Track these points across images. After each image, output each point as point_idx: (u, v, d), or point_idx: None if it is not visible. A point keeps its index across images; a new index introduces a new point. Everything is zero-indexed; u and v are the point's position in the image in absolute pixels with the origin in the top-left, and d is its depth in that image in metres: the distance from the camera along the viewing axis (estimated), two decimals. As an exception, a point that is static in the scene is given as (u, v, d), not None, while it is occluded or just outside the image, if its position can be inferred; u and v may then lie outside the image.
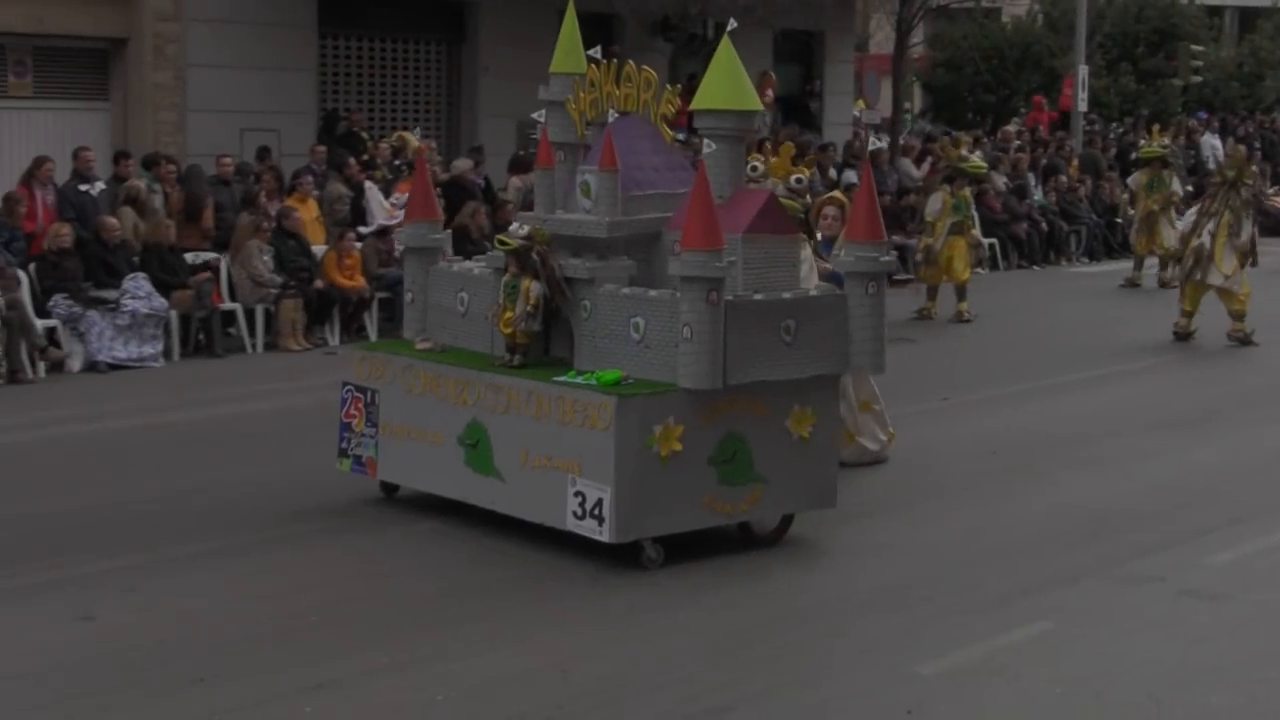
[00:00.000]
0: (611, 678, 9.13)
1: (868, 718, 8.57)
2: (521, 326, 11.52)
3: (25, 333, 18.56)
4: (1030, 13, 46.26)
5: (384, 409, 12.48)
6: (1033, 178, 33.68)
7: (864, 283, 11.52)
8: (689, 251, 10.61)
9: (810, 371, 11.39)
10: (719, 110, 11.62)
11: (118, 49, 25.21)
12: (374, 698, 8.81)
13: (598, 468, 10.80)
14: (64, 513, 12.42)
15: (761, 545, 11.53)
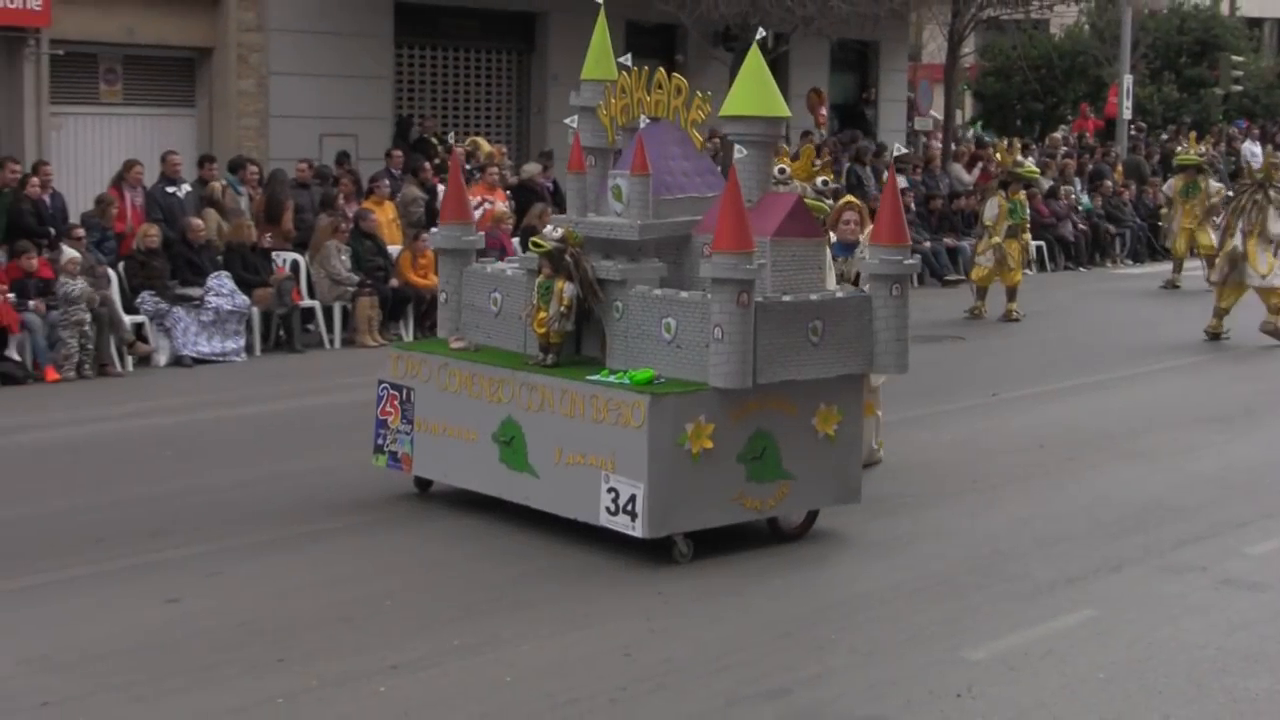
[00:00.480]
0: (673, 661, 9.13)
1: (920, 700, 8.54)
2: (555, 327, 11.43)
3: (115, 328, 18.70)
4: (1077, 24, 46.01)
5: (419, 406, 12.37)
6: (1079, 182, 33.58)
7: (888, 285, 11.40)
8: (720, 254, 10.52)
9: (836, 371, 11.28)
10: (748, 116, 11.51)
11: (204, 58, 25.33)
12: (444, 678, 8.83)
13: (631, 465, 10.70)
14: (150, 500, 12.51)
15: (788, 540, 11.43)
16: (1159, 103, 43.07)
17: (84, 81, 24.15)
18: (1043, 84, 43.41)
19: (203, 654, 9.13)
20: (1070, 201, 32.31)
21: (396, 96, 27.93)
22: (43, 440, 15.07)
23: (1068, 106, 43.12)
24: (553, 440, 11.24)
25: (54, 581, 10.53)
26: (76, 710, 8.29)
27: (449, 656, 9.18)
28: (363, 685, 8.70)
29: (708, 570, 10.90)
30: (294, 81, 25.95)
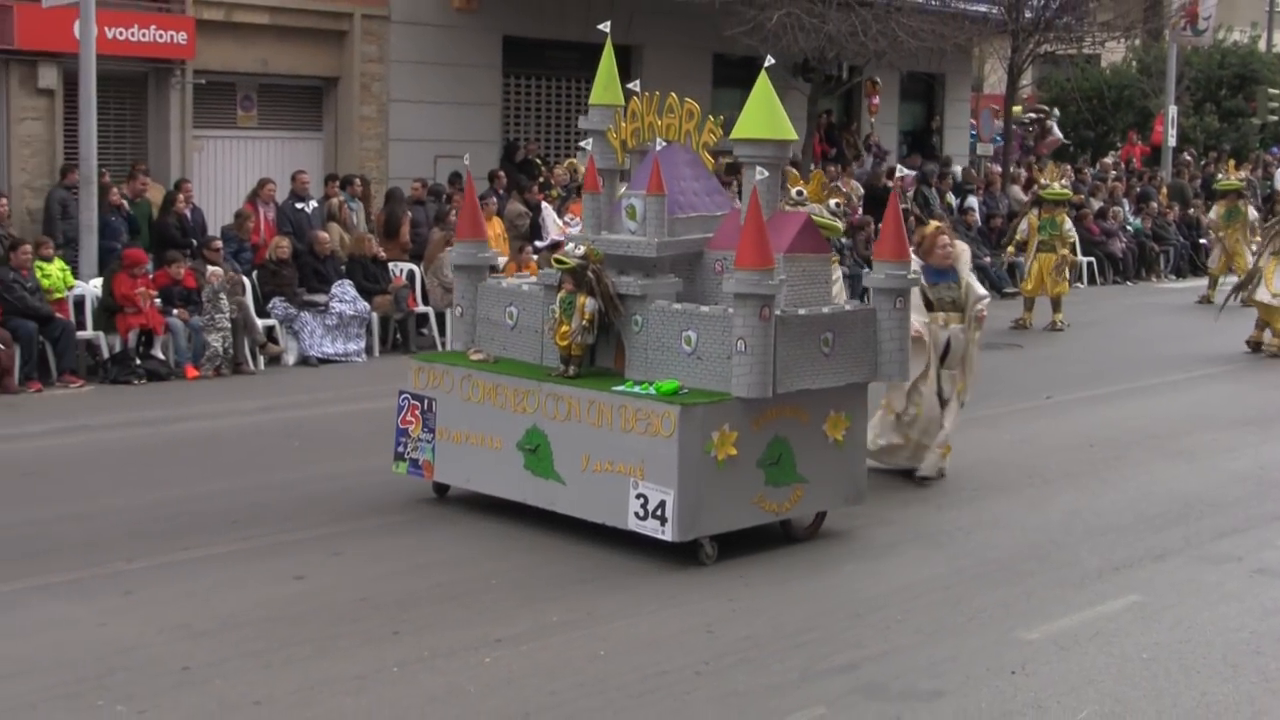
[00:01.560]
0: (753, 637, 9.13)
1: (978, 676, 8.51)
2: (578, 340, 11.13)
3: (249, 331, 18.90)
4: (1126, 59, 45.76)
5: (441, 416, 11.95)
6: (1127, 204, 33.47)
7: (892, 299, 11.23)
8: (743, 270, 10.30)
9: (845, 380, 11.09)
10: (758, 140, 11.20)
11: (330, 86, 25.50)
12: (544, 651, 8.86)
13: (661, 472, 10.39)
14: (279, 486, 12.63)
15: (801, 540, 11.20)
16: (1201, 131, 42.76)
17: (223, 108, 24.36)
18: (1094, 114, 43.21)
19: (326, 626, 9.20)
20: (1119, 221, 32.21)
21: (504, 121, 28.02)
22: (184, 431, 15.23)
23: (1117, 134, 42.86)
24: (579, 448, 10.91)
25: (194, 559, 10.63)
26: (213, 674, 8.36)
27: (548, 631, 9.21)
28: (470, 656, 8.75)
29: (785, 556, 10.91)
30: (411, 108, 26.10)
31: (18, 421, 15.57)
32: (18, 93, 21.71)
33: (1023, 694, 8.27)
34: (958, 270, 13.20)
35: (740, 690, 8.27)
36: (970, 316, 13.26)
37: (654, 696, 8.17)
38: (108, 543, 10.96)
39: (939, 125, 37.13)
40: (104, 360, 18.13)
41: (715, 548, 10.61)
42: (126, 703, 7.96)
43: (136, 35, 22.10)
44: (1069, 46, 34.73)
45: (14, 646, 8.78)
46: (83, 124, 19.08)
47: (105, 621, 9.27)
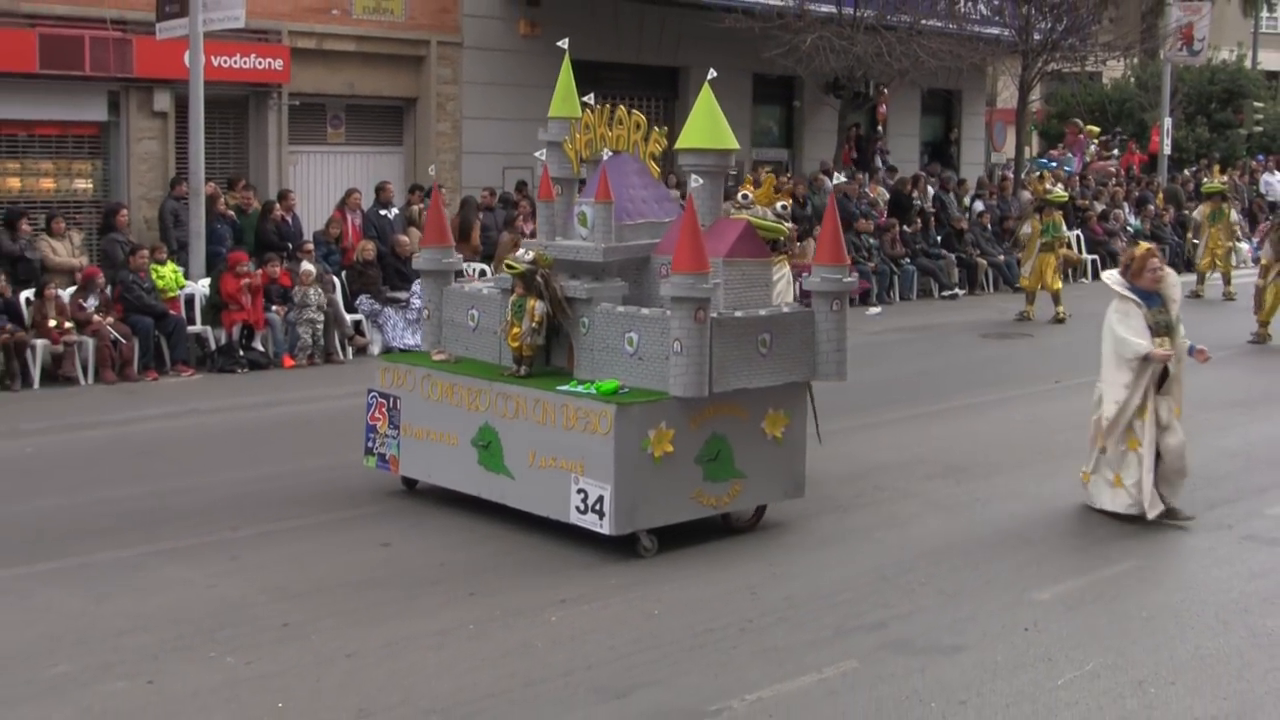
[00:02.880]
0: (791, 598, 9.13)
1: (995, 632, 8.49)
2: (528, 341, 10.67)
3: (338, 325, 19.00)
4: (1125, 76, 45.53)
5: (405, 413, 11.50)
6: (1127, 206, 33.35)
7: (829, 301, 10.64)
8: (679, 274, 9.79)
9: (783, 379, 10.51)
10: (701, 149, 10.76)
11: (410, 106, 25.56)
12: (604, 610, 8.89)
13: (599, 468, 9.87)
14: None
15: (742, 532, 10.66)
16: (1193, 141, 42.50)
17: (315, 126, 24.45)
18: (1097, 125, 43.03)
19: (409, 588, 9.25)
20: (1120, 222, 32.07)
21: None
22: (282, 415, 15.34)
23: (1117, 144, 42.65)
24: (527, 445, 10.42)
25: (292, 528, 10.71)
26: (310, 630, 8.42)
27: (608, 593, 9.24)
28: (538, 615, 8.78)
29: (820, 524, 10.90)
30: (481, 124, 26.13)
31: (137, 406, 15.71)
32: (136, 115, 21.87)
33: (1035, 648, 8.25)
34: (1164, 294, 11.28)
35: (780, 645, 8.27)
36: (1180, 343, 11.23)
37: (703, 650, 8.18)
38: (216, 513, 11.04)
39: (957, 137, 37.02)
40: (211, 351, 18.28)
41: (654, 541, 10.05)
42: (234, 654, 8.03)
43: (239, 63, 22.24)
44: (1074, 65, 34.52)
45: (137, 604, 8.87)
46: (192, 142, 19.20)
47: (215, 583, 9.35)
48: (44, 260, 18.60)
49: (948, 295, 27.17)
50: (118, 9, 21.18)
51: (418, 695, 7.48)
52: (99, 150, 22.04)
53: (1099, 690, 7.64)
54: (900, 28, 26.53)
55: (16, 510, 11.16)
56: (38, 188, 21.38)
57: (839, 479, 12.30)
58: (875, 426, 14.69)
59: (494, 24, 26.48)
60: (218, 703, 7.38)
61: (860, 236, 26.56)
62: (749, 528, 10.74)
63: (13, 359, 16.75)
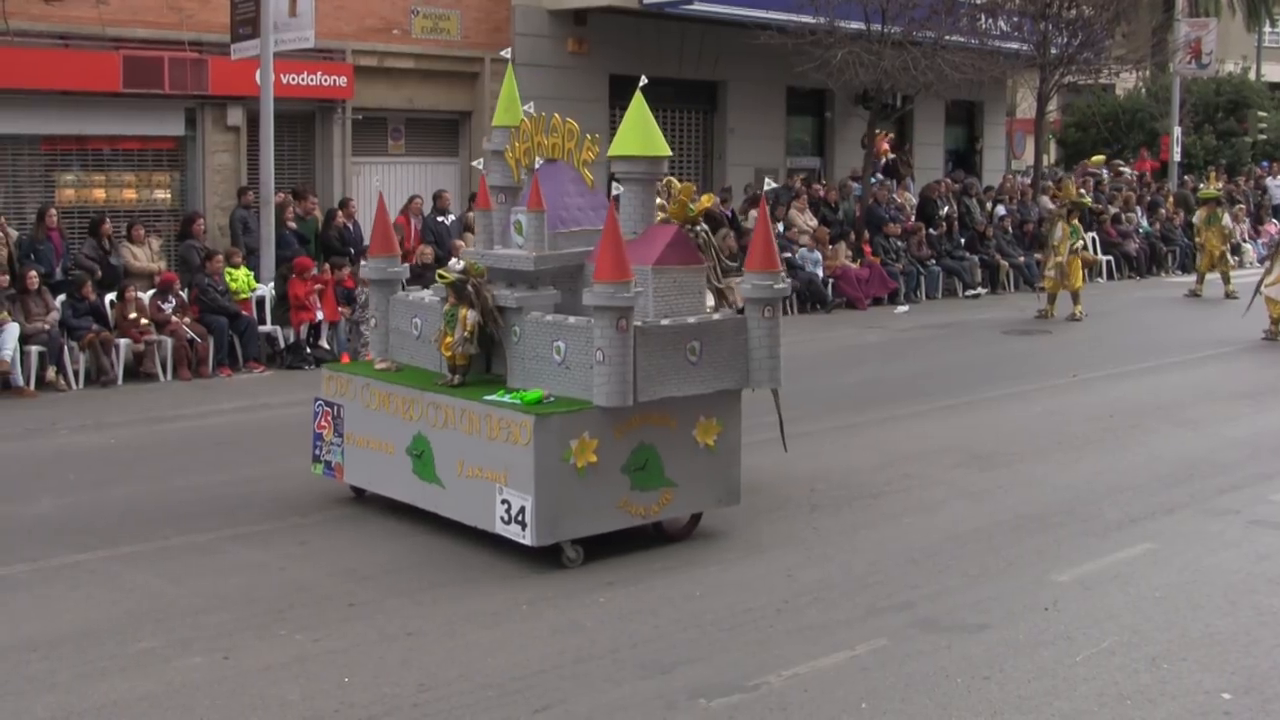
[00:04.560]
0: (825, 580, 9.10)
1: (1017, 612, 8.44)
2: (460, 350, 10.06)
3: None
4: (1137, 87, 45.29)
5: (348, 421, 10.88)
6: (1139, 210, 33.21)
7: (761, 308, 9.94)
8: (600, 283, 9.14)
9: (714, 387, 9.80)
10: (631, 156, 10.07)
11: (465, 118, 25.58)
12: (649, 593, 8.87)
13: (520, 479, 9.21)
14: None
15: (676, 541, 10.00)
16: (1200, 149, 42.22)
17: (376, 138, 24.49)
18: (1110, 134, 42.81)
19: (466, 570, 9.27)
20: (1133, 225, 31.97)
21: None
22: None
23: (1130, 151, 42.36)
24: (456, 454, 9.79)
25: (357, 514, 10.73)
26: (374, 610, 8.44)
27: (652, 575, 9.23)
28: (586, 596, 8.78)
29: (853, 510, 10.87)
30: (533, 137, 26.11)
31: (211, 400, 15.80)
32: (211, 130, 21.96)
33: (1054, 627, 8.20)
34: None
35: (815, 624, 8.24)
36: None
37: (741, 629, 8.16)
38: (286, 500, 11.09)
39: (980, 146, 36.88)
40: (280, 350, 18.36)
41: (579, 552, 9.41)
42: (303, 632, 8.05)
43: (306, 80, 22.30)
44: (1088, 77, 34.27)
45: (213, 585, 8.91)
46: (263, 154, 19.27)
47: (285, 566, 9.38)
48: (126, 265, 18.73)
49: (971, 294, 27.10)
50: (195, 32, 21.30)
51: (474, 671, 7.49)
52: (177, 163, 22.14)
53: (1115, 666, 7.59)
54: (925, 43, 26.41)
55: (102, 497, 11.23)
56: (121, 198, 21.50)
57: (870, 467, 12.27)
58: (904, 418, 14.64)
59: (544, 42, 26.48)
60: (288, 677, 7.40)
61: (889, 239, 26.51)
62: (683, 536, 10.08)
63: (99, 357, 16.88)
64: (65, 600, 8.70)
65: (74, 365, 16.78)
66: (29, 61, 19.69)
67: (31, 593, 8.86)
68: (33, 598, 8.76)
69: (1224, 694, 7.24)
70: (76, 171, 21.19)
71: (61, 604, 8.62)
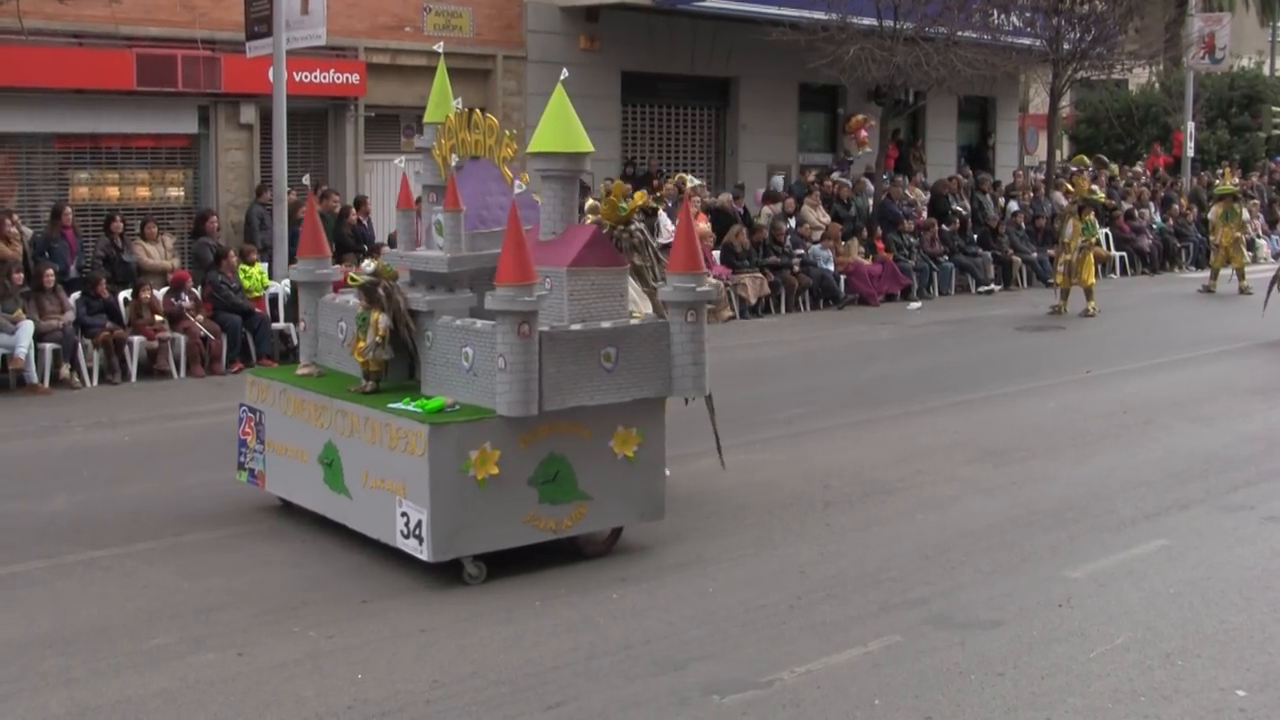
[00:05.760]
0: (838, 577, 9.08)
1: (1030, 608, 8.42)
2: (371, 355, 9.60)
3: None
4: (1150, 82, 45.20)
5: (269, 428, 10.40)
6: (1153, 206, 33.15)
7: (684, 311, 9.36)
8: (503, 286, 8.61)
9: (632, 395, 9.23)
10: (551, 153, 9.50)
11: (478, 117, 25.61)
12: (662, 589, 8.86)
13: (417, 491, 8.72)
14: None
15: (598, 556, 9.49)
16: (1214, 144, 42.14)
17: (388, 136, 24.52)
18: (1124, 129, 42.75)
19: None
20: (1146, 221, 31.91)
21: (623, 143, 28.03)
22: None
23: (1143, 146, 42.29)
24: (361, 464, 9.31)
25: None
26: (387, 607, 8.46)
27: (665, 572, 9.22)
28: (599, 593, 8.78)
29: (866, 507, 10.85)
30: (546, 133, 26.13)
31: (226, 397, 15.72)
32: (224, 127, 22.02)
33: (1068, 623, 8.18)
34: None
35: (828, 620, 8.23)
36: None
37: (755, 625, 8.15)
38: (300, 498, 11.09)
39: (993, 142, 36.84)
40: (294, 346, 18.34)
41: (481, 568, 8.91)
42: (317, 629, 8.06)
43: (318, 78, 22.35)
44: (1101, 73, 34.29)
45: (227, 581, 8.91)
46: (275, 152, 19.29)
47: (298, 563, 9.39)
48: (139, 263, 18.76)
49: (984, 291, 27.07)
50: (208, 30, 21.34)
51: (487, 667, 7.49)
52: (190, 160, 22.20)
53: (1129, 662, 7.57)
54: (938, 39, 26.39)
55: (116, 494, 11.25)
56: (134, 196, 21.57)
57: (883, 463, 12.25)
58: (917, 414, 14.62)
59: (556, 39, 26.50)
60: (302, 673, 7.41)
61: (901, 236, 26.48)
62: (602, 552, 9.55)
63: (112, 355, 16.92)
64: (80, 597, 8.72)
65: (88, 363, 16.81)
66: (43, 60, 19.75)
67: (46, 589, 8.89)
68: (47, 594, 8.78)
69: (1239, 690, 7.22)
70: (90, 169, 21.26)
71: (76, 600, 8.64)
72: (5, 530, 10.25)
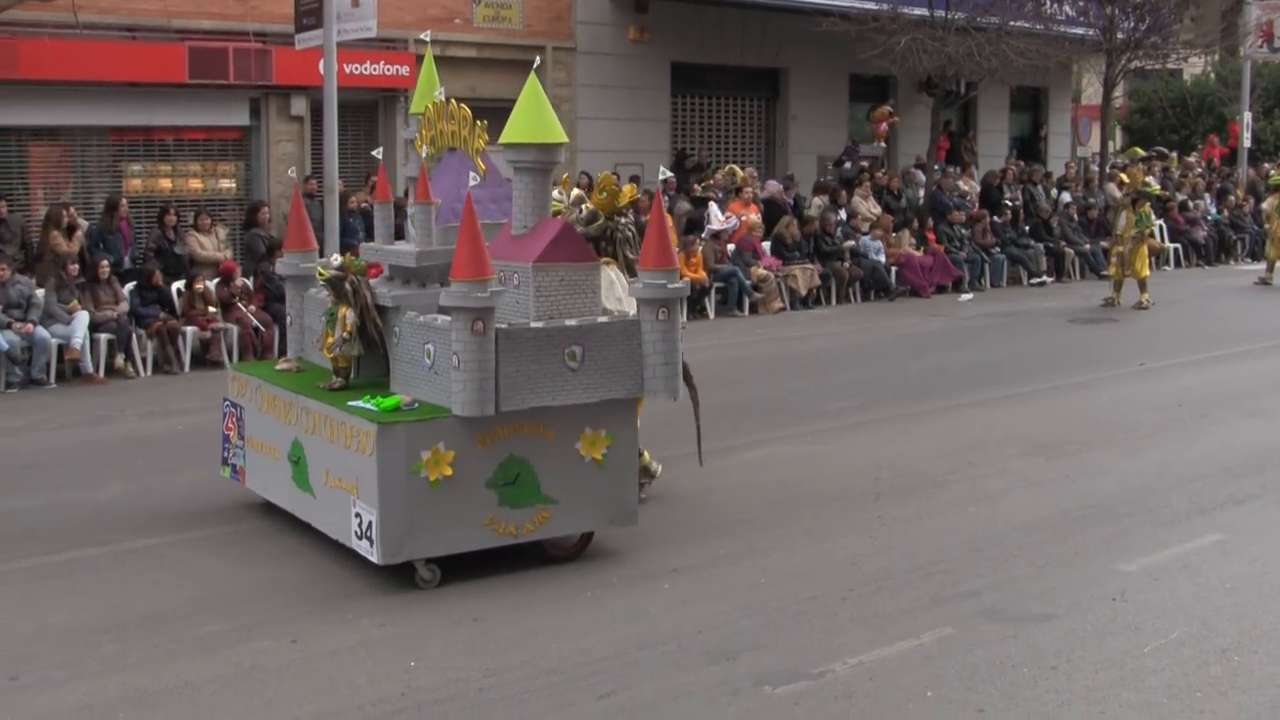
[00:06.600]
0: (890, 569, 9.07)
1: (1083, 602, 8.39)
2: (339, 351, 9.38)
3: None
4: (1205, 72, 44.83)
5: (247, 424, 10.24)
6: (1208, 197, 32.90)
7: (655, 309, 8.96)
8: (457, 282, 8.33)
9: (599, 396, 8.86)
10: (522, 144, 9.14)
11: (528, 108, 25.68)
12: (713, 579, 8.88)
13: (368, 491, 8.49)
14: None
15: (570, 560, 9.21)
16: (1270, 134, 41.77)
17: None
18: (1178, 119, 42.43)
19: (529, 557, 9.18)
20: (1201, 212, 31.67)
21: (673, 134, 28.05)
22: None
23: (1198, 137, 41.97)
24: (322, 463, 9.10)
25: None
26: (439, 596, 8.52)
27: (717, 562, 9.24)
28: (651, 583, 8.80)
29: (917, 499, 10.82)
30: (595, 124, 26.20)
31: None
32: (275, 119, 22.18)
33: (1122, 617, 8.15)
34: None
35: (880, 613, 8.23)
36: None
37: (806, 617, 8.16)
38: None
39: (1045, 133, 36.63)
40: (345, 337, 18.46)
41: (435, 572, 8.65)
42: (369, 617, 8.12)
43: (368, 70, 22.47)
44: (1156, 62, 34.03)
45: (279, 570, 9.01)
46: (326, 143, 19.38)
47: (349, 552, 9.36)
48: (192, 254, 18.93)
49: (1036, 283, 26.94)
50: (259, 23, 21.49)
51: (539, 656, 7.53)
52: (242, 152, 22.36)
53: (1185, 657, 7.53)
54: (989, 29, 26.28)
55: (169, 483, 11.36)
56: (186, 188, 21.74)
57: (934, 456, 12.23)
58: (968, 406, 14.58)
59: (605, 30, 26.53)
60: (355, 661, 7.47)
61: (953, 227, 26.39)
62: (571, 556, 9.24)
63: (166, 345, 17.07)
64: (134, 584, 8.82)
65: (142, 353, 16.99)
66: (97, 54, 19.94)
67: (101, 576, 9.00)
68: (103, 581, 8.89)
69: (1295, 685, 7.19)
70: (143, 162, 21.44)
71: (131, 587, 8.74)
72: (62, 518, 10.39)
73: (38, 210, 19.98)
